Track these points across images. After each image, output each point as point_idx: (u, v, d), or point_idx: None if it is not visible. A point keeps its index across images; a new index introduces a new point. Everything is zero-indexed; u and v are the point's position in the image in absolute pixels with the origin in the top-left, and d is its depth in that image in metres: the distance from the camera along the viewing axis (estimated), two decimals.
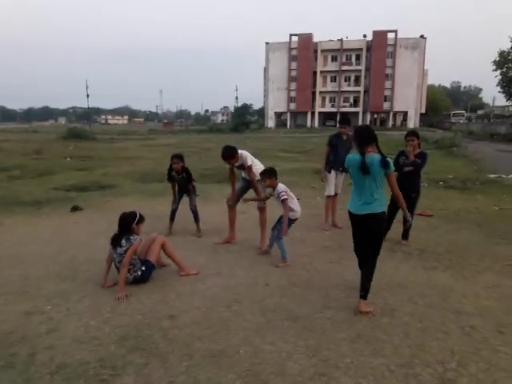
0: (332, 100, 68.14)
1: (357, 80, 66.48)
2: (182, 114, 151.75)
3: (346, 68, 66.03)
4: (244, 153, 5.58)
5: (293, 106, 67.96)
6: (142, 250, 4.44)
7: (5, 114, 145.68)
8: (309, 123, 66.86)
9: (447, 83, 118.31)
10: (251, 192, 5.82)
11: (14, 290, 4.19)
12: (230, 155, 5.47)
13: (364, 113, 65.32)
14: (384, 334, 3.29)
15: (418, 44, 63.18)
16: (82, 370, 2.83)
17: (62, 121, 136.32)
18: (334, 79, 67.29)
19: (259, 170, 5.71)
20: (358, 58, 65.87)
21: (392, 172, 3.67)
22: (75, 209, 7.96)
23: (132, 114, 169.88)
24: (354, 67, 66.03)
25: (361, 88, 65.69)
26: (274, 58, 66.92)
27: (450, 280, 4.44)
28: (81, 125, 62.46)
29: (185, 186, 6.37)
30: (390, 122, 65.00)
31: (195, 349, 3.08)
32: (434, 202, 8.47)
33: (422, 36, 63.56)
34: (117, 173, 13.38)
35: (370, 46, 64.03)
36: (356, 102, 67.02)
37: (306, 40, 65.13)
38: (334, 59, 66.67)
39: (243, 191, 5.93)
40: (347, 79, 67.15)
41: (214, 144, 26.54)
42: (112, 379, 2.74)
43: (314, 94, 67.05)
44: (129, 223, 4.29)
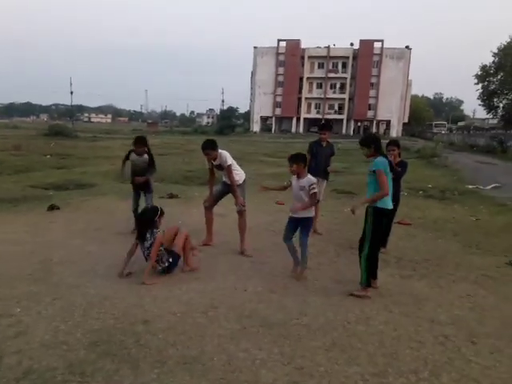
0: (317, 106, 68.64)
1: (342, 87, 67.15)
2: (167, 115, 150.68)
3: (332, 75, 66.66)
4: (224, 152, 5.57)
5: (278, 111, 68.20)
6: (167, 240, 4.67)
7: None
8: (294, 129, 67.17)
9: (430, 94, 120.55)
10: (231, 197, 5.74)
11: None
12: (210, 147, 5.51)
13: (348, 120, 66.04)
14: (359, 343, 3.29)
15: (403, 54, 64.25)
16: (50, 376, 2.74)
17: (43, 117, 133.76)
18: (319, 86, 67.84)
19: (240, 175, 5.66)
20: (345, 65, 66.59)
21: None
22: (52, 208, 7.79)
23: (116, 112, 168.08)
24: (340, 75, 66.73)
25: (346, 95, 66.35)
26: (262, 62, 67.14)
27: (425, 289, 4.48)
28: (63, 122, 61.46)
29: (143, 171, 6.04)
30: (374, 130, 65.79)
31: (168, 355, 3.02)
32: (413, 210, 8.57)
33: (407, 47, 64.70)
34: (97, 172, 13.18)
35: (356, 55, 64.83)
36: (341, 109, 67.66)
37: (293, 46, 65.53)
38: (321, 66, 67.25)
39: (221, 195, 5.85)
40: (333, 86, 67.77)
41: (199, 146, 26.43)
42: None
43: (299, 99, 67.44)
44: (152, 217, 4.55)
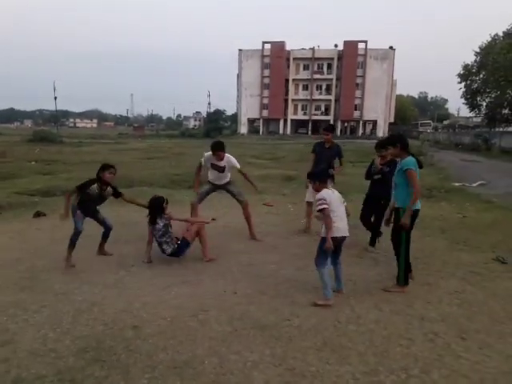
0: (304, 108, 68.89)
1: (328, 89, 67.52)
2: (154, 119, 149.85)
3: (317, 77, 66.98)
4: (230, 156, 6.04)
5: (265, 113, 68.27)
6: (180, 229, 5.28)
7: None
8: (281, 130, 67.30)
9: (415, 93, 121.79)
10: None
11: None
12: (221, 148, 5.91)
13: (335, 121, 66.21)
14: (350, 342, 3.30)
15: (387, 55, 64.85)
16: None
17: (28, 123, 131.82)
18: (305, 87, 68.11)
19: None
20: (330, 67, 66.95)
21: None
22: (38, 214, 7.69)
23: (102, 117, 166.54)
24: (326, 76, 67.06)
25: (332, 97, 66.71)
26: (247, 64, 67.16)
27: (414, 286, 4.51)
28: (48, 128, 60.70)
29: (98, 202, 5.33)
30: (360, 131, 66.31)
31: (158, 360, 2.99)
32: None
33: (391, 47, 65.34)
34: (82, 177, 12.93)
35: (340, 56, 65.28)
36: (327, 111, 68.00)
37: (278, 48, 65.71)
38: (306, 68, 67.55)
39: (208, 193, 6.28)
40: (319, 88, 68.10)
41: (186, 149, 26.32)
42: None
43: (286, 101, 67.61)
44: (161, 203, 5.14)
